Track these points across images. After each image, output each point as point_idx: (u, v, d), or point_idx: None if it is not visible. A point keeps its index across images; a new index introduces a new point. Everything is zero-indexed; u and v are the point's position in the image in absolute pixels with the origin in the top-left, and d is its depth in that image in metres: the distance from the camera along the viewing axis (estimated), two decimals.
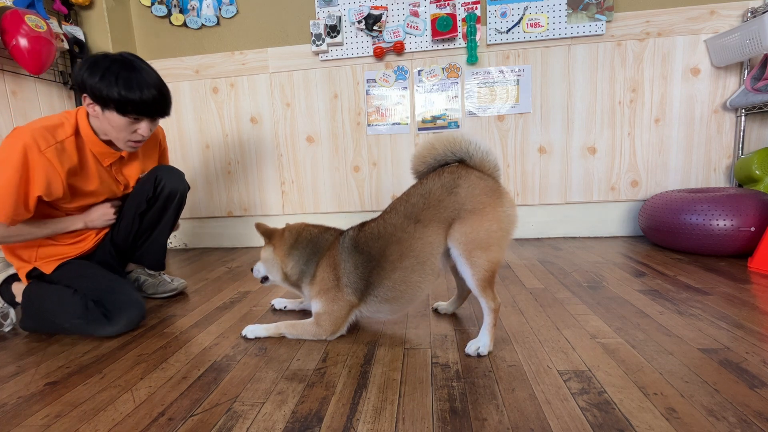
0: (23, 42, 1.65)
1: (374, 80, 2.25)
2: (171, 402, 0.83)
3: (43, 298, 1.21)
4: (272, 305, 1.36)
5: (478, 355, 0.96)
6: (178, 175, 1.45)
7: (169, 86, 2.37)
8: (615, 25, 2.07)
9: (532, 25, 2.09)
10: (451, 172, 1.00)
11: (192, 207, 2.52)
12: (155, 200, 1.40)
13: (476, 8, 2.10)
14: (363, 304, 1.08)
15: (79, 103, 2.13)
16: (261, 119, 2.38)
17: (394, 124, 2.28)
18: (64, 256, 1.29)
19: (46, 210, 1.22)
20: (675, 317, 1.12)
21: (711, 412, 0.71)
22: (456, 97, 2.22)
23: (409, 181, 2.32)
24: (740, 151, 2.06)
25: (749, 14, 1.96)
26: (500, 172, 1.03)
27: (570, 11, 2.06)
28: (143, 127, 1.20)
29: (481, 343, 0.97)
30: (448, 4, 2.12)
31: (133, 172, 1.38)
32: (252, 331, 1.14)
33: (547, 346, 0.99)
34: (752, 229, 1.60)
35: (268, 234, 1.19)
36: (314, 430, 0.72)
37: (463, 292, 1.22)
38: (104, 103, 1.12)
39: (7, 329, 1.26)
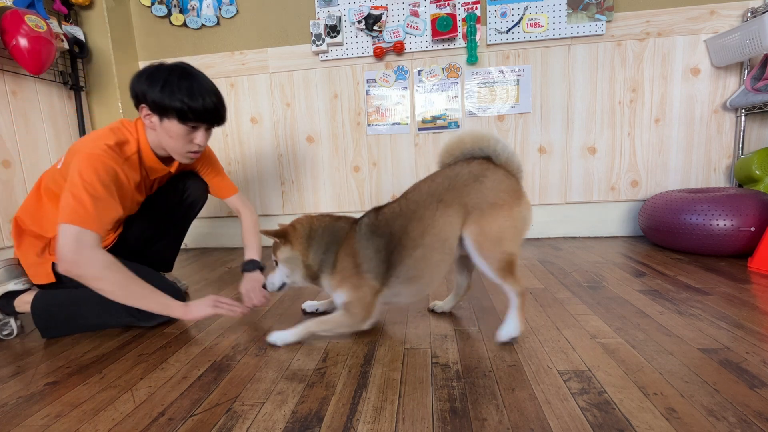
0: (23, 42, 1.65)
1: (374, 80, 2.25)
2: (171, 402, 0.83)
3: (79, 303, 1.18)
4: (303, 309, 1.33)
5: (511, 339, 1.01)
6: (202, 185, 1.47)
7: None
8: (615, 25, 2.07)
9: (532, 25, 2.09)
10: (480, 164, 1.03)
11: None
12: (178, 207, 1.41)
13: (476, 8, 2.10)
14: (385, 287, 1.06)
15: (79, 103, 2.14)
16: (261, 119, 2.38)
17: (394, 124, 2.28)
18: None
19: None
20: (675, 317, 1.12)
21: (711, 412, 0.71)
22: (456, 97, 2.22)
23: (409, 181, 2.32)
24: (740, 151, 2.06)
25: (749, 14, 1.96)
26: (522, 174, 1.06)
27: (570, 11, 2.06)
28: (200, 136, 1.19)
29: (511, 326, 1.01)
30: (448, 4, 2.12)
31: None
32: (280, 338, 1.07)
33: (547, 346, 0.99)
34: (752, 229, 1.60)
35: (281, 234, 1.10)
36: (314, 430, 0.72)
37: (461, 290, 1.22)
38: (165, 112, 1.11)
39: (6, 338, 1.24)
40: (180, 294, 1.24)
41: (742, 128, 2.04)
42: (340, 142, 2.35)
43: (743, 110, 2.02)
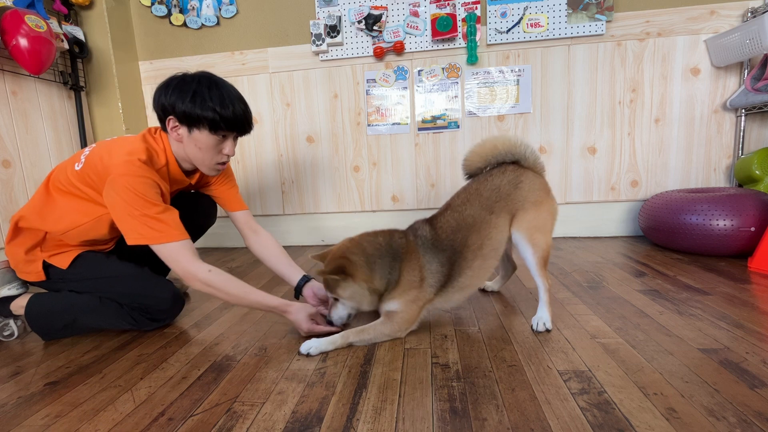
0: (23, 42, 1.65)
1: (374, 80, 2.25)
2: (171, 402, 0.83)
3: (74, 312, 1.18)
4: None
5: (546, 330, 1.08)
6: (214, 209, 1.52)
7: None
8: (615, 25, 2.07)
9: (532, 25, 2.09)
10: (513, 171, 1.16)
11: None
12: (189, 226, 1.41)
13: (476, 8, 2.10)
14: (438, 297, 1.10)
15: (79, 103, 2.14)
16: (261, 119, 2.38)
17: (394, 124, 2.28)
18: (78, 249, 1.23)
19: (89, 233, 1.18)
20: (675, 317, 1.12)
21: (711, 412, 0.71)
22: (456, 97, 2.22)
23: (409, 180, 2.32)
24: (740, 151, 2.06)
25: (749, 14, 1.96)
26: (546, 172, 1.22)
27: (570, 11, 2.06)
28: (229, 146, 1.18)
29: (544, 318, 1.10)
30: (448, 4, 2.12)
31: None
32: (316, 347, 1.02)
33: (547, 346, 0.99)
34: (752, 229, 1.60)
35: (339, 270, 1.02)
36: (314, 430, 0.72)
37: (507, 273, 1.40)
38: (195, 122, 1.10)
39: (8, 339, 1.24)
40: (178, 294, 1.24)
41: (742, 128, 2.04)
42: (340, 142, 2.35)
43: (743, 110, 2.02)
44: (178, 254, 1.06)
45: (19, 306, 1.21)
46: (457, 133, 2.26)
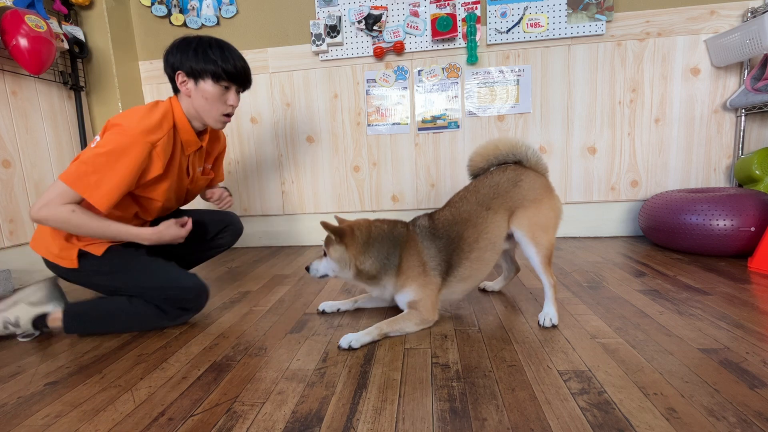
0: (23, 42, 1.65)
1: (374, 80, 2.25)
2: (171, 402, 0.83)
3: (112, 319, 1.22)
4: (321, 310, 1.31)
5: (553, 326, 1.10)
6: (239, 231, 1.62)
7: (169, 86, 2.36)
8: (615, 25, 2.07)
9: (532, 25, 2.09)
10: (514, 170, 1.20)
11: (192, 207, 2.52)
12: (208, 243, 1.52)
13: (476, 8, 2.10)
14: (444, 285, 1.16)
15: (79, 103, 2.13)
16: (261, 119, 2.38)
17: (394, 124, 2.28)
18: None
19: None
20: (675, 317, 1.12)
21: (711, 412, 0.71)
22: (456, 97, 2.22)
23: (409, 181, 2.32)
24: (740, 151, 2.06)
25: (749, 14, 1.96)
26: (548, 171, 1.24)
27: (570, 11, 2.06)
28: (232, 97, 1.27)
29: (550, 314, 1.12)
30: (448, 4, 2.12)
31: (198, 165, 1.41)
32: (356, 339, 1.04)
33: (547, 346, 0.99)
34: (752, 229, 1.60)
35: (339, 233, 1.13)
36: (314, 430, 0.72)
37: (510, 273, 1.41)
38: (200, 74, 1.20)
39: (22, 339, 1.24)
40: (203, 284, 1.26)
41: (742, 128, 2.04)
42: (340, 142, 2.35)
43: (743, 110, 2.02)
44: (61, 195, 1.07)
45: (54, 318, 1.22)
46: (457, 133, 2.26)
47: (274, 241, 2.49)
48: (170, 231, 1.22)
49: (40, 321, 1.21)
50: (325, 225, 1.13)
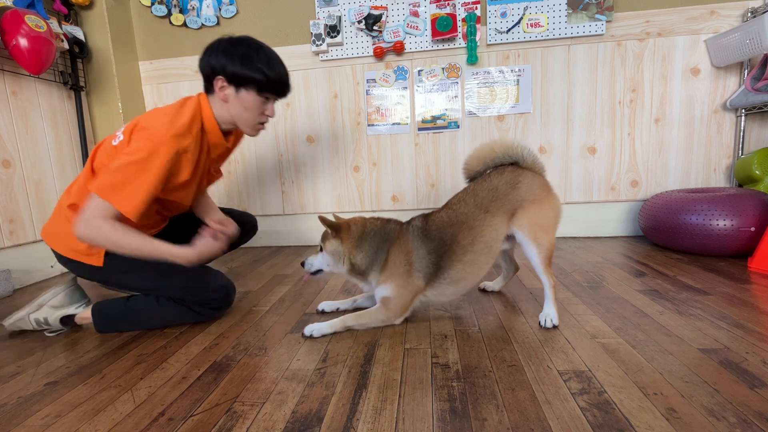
0: (23, 42, 1.65)
1: (374, 80, 2.25)
2: (171, 402, 0.83)
3: (144, 319, 1.23)
4: (321, 310, 1.31)
5: (554, 326, 1.10)
6: (256, 230, 1.64)
7: (169, 86, 2.40)
8: (615, 25, 2.07)
9: (532, 25, 2.09)
10: (512, 171, 1.19)
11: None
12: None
13: (476, 8, 2.10)
14: (429, 288, 1.16)
15: (79, 103, 2.13)
16: None
17: (394, 124, 2.28)
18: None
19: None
20: (675, 317, 1.12)
21: (711, 412, 0.71)
22: (456, 97, 2.22)
23: (409, 180, 2.32)
24: (740, 151, 2.06)
25: (749, 14, 1.96)
26: (545, 171, 1.23)
27: (570, 11, 2.06)
28: (271, 107, 1.23)
29: (551, 315, 1.13)
30: (448, 4, 2.12)
31: (214, 164, 1.38)
32: (318, 329, 1.11)
33: (547, 346, 0.99)
34: (752, 229, 1.60)
35: (335, 227, 1.17)
36: (314, 430, 0.72)
37: (509, 273, 1.41)
38: (244, 82, 1.15)
39: (49, 334, 1.26)
40: (229, 284, 1.27)
41: (742, 128, 2.04)
42: (340, 142, 2.35)
43: (743, 110, 2.02)
44: (101, 211, 1.05)
45: (82, 318, 1.23)
46: (457, 133, 2.26)
47: (274, 241, 2.49)
48: (209, 247, 1.18)
49: (67, 319, 1.23)
50: (323, 219, 1.16)
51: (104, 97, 2.24)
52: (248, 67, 1.13)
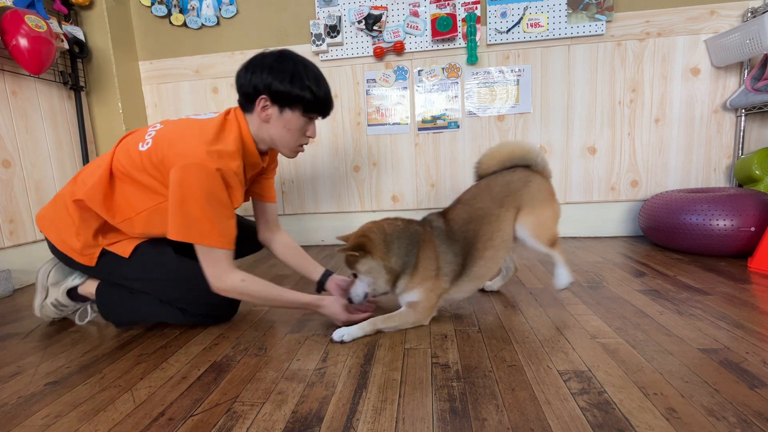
0: (23, 42, 1.65)
1: (374, 80, 2.25)
2: (171, 402, 0.83)
3: (142, 313, 1.22)
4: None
5: (569, 284, 1.24)
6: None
7: (169, 86, 2.40)
8: (615, 25, 2.07)
9: (532, 25, 2.09)
10: (523, 171, 1.25)
11: None
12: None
13: (476, 8, 2.10)
14: (453, 287, 1.17)
15: (79, 103, 2.13)
16: None
17: (394, 124, 2.28)
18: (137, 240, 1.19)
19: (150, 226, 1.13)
20: (675, 317, 1.12)
21: (711, 412, 0.71)
22: (456, 97, 2.22)
23: (409, 181, 2.32)
24: (740, 151, 2.06)
25: (749, 14, 1.96)
26: (552, 178, 1.30)
27: (570, 11, 2.06)
28: (313, 128, 1.18)
29: (564, 276, 1.24)
30: (448, 4, 2.12)
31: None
32: (349, 333, 1.07)
33: (547, 346, 0.99)
34: (752, 229, 1.60)
35: (359, 247, 1.09)
36: (314, 430, 0.72)
37: (509, 272, 1.43)
38: (291, 102, 1.08)
39: (83, 323, 1.29)
40: (230, 303, 1.24)
41: (742, 128, 2.04)
42: (340, 142, 2.35)
43: (743, 110, 2.02)
44: (216, 261, 1.06)
45: (87, 291, 1.24)
46: (457, 133, 2.26)
47: None
48: (338, 314, 1.14)
49: (74, 294, 1.24)
50: (343, 249, 1.09)
51: (104, 97, 2.24)
52: (297, 85, 1.06)
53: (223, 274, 1.07)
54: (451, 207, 1.22)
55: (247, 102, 1.12)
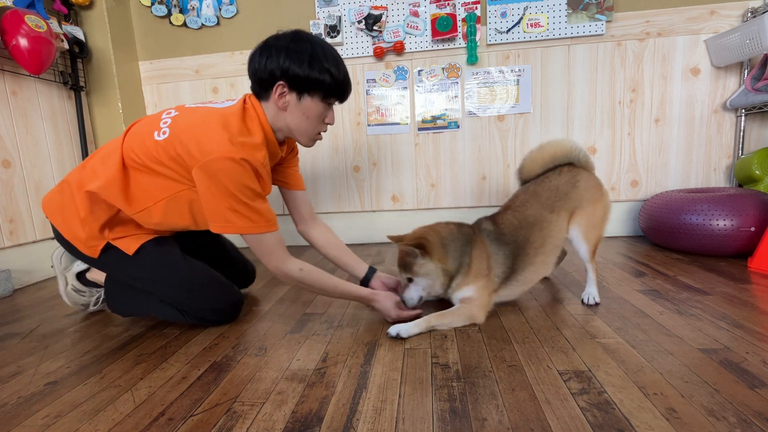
0: (23, 42, 1.65)
1: (374, 80, 2.25)
2: (171, 402, 0.83)
3: (147, 308, 1.23)
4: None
5: (596, 303, 1.23)
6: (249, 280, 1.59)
7: (169, 86, 2.39)
8: (615, 25, 2.07)
9: (532, 25, 2.09)
10: (569, 171, 1.25)
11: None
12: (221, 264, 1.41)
13: (476, 8, 2.10)
14: (502, 287, 1.19)
15: (79, 103, 2.13)
16: None
17: (394, 124, 2.28)
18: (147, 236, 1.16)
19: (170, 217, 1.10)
20: (675, 317, 1.12)
21: (711, 412, 0.71)
22: (456, 97, 2.22)
23: (409, 181, 2.32)
24: (740, 151, 2.06)
25: (749, 14, 1.96)
26: (594, 167, 1.31)
27: (570, 11, 2.06)
28: (331, 115, 1.13)
29: (592, 293, 1.24)
30: (448, 4, 2.12)
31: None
32: (405, 329, 1.06)
33: (547, 346, 0.99)
34: (752, 229, 1.60)
35: (420, 245, 1.10)
36: (314, 430, 0.72)
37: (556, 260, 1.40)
38: (310, 88, 1.03)
39: (93, 308, 1.32)
40: (237, 302, 1.25)
41: (742, 128, 2.04)
42: (340, 142, 2.35)
43: (743, 110, 2.02)
44: (271, 249, 1.06)
45: (95, 278, 1.26)
46: (457, 133, 2.26)
47: None
48: (390, 310, 1.15)
49: (83, 278, 1.27)
50: (404, 244, 1.10)
51: (104, 97, 2.24)
52: (316, 68, 1.00)
53: (282, 263, 1.08)
54: (501, 212, 1.24)
55: (261, 90, 1.07)
